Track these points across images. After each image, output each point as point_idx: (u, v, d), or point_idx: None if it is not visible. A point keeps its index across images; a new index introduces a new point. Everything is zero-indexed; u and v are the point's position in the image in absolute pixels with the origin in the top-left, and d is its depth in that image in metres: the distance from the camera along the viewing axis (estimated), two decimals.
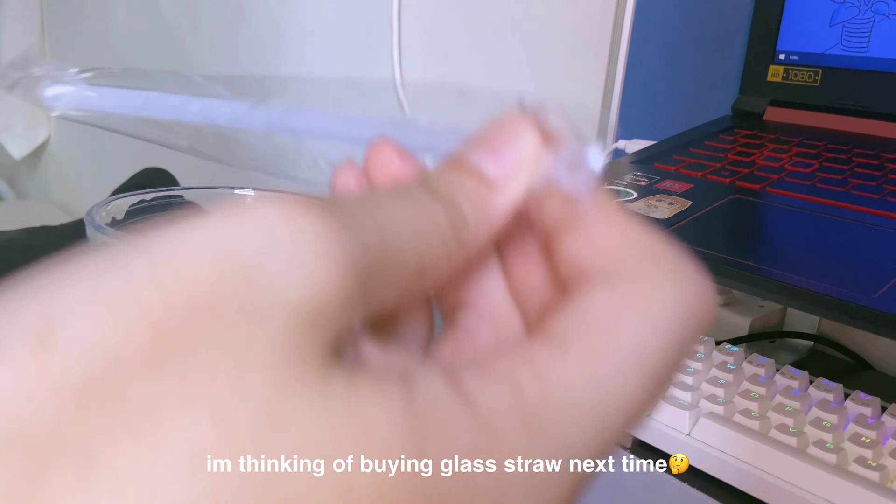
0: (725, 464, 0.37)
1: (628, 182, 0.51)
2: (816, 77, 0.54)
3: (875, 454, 0.36)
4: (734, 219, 0.45)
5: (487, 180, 0.16)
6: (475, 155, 0.17)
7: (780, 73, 0.56)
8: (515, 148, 0.17)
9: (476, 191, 0.16)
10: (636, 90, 0.67)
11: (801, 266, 0.39)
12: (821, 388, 0.41)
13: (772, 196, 0.47)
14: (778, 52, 0.56)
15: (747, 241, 0.43)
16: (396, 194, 0.15)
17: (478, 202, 0.16)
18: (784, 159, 0.51)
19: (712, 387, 0.41)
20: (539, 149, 0.17)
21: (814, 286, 0.37)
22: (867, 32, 0.51)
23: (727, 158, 0.53)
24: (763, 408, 0.39)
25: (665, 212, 0.47)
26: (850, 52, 0.53)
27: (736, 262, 0.40)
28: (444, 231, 0.15)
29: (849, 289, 0.36)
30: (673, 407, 0.39)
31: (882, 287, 0.36)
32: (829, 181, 0.47)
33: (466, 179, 0.16)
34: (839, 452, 0.36)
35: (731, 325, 0.54)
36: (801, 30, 0.55)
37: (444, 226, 0.15)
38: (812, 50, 0.55)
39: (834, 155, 0.51)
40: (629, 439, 0.19)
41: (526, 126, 0.17)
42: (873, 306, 0.35)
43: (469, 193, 0.16)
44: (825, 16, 0.53)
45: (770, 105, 0.58)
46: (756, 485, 0.36)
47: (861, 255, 0.39)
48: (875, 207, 0.43)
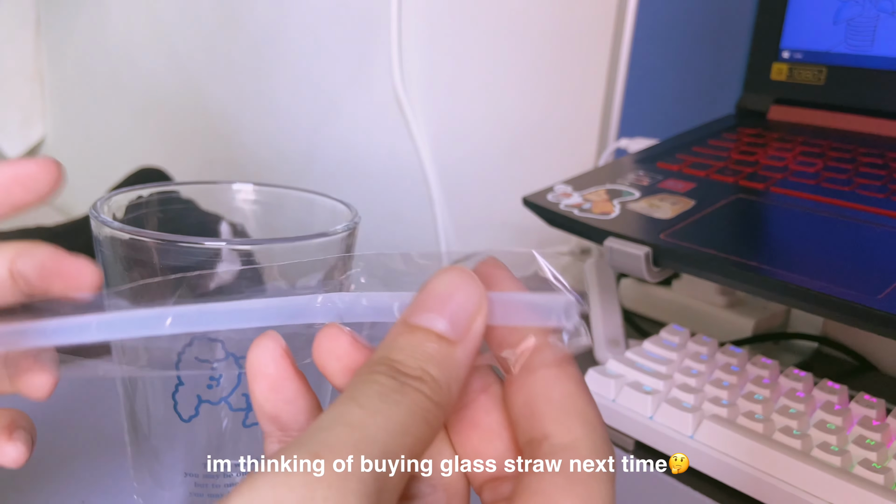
0: (729, 466, 0.36)
1: (630, 181, 0.51)
2: (821, 75, 0.54)
3: (880, 456, 0.35)
4: (737, 219, 0.45)
5: (446, 339, 0.17)
6: (427, 317, 0.18)
7: (783, 71, 0.56)
8: (463, 300, 0.18)
9: (439, 351, 0.17)
10: (639, 88, 0.67)
11: (804, 266, 0.38)
12: (825, 389, 0.41)
13: (776, 196, 0.46)
14: (781, 49, 0.56)
15: (751, 242, 0.43)
16: (378, 406, 0.16)
17: (443, 362, 0.17)
18: (788, 158, 0.51)
19: (716, 389, 0.41)
20: (484, 295, 0.18)
21: (818, 287, 0.36)
22: (871, 30, 0.51)
23: (730, 158, 0.52)
24: (767, 410, 0.39)
25: (668, 211, 0.46)
26: (854, 49, 0.52)
27: (739, 262, 0.39)
28: (428, 412, 0.17)
29: (853, 290, 0.36)
30: (676, 409, 0.39)
31: (887, 288, 0.35)
32: (833, 181, 0.47)
33: (427, 343, 0.17)
34: (843, 455, 0.35)
35: (735, 327, 0.53)
36: (804, 27, 0.55)
37: (428, 407, 0.17)
38: (816, 48, 0.54)
39: (838, 154, 0.50)
40: (631, 442, 0.19)
41: (464, 276, 0.18)
42: (878, 307, 0.34)
43: (433, 356, 0.17)
44: (829, 13, 0.53)
45: (774, 104, 0.57)
46: (760, 488, 0.36)
47: (866, 256, 0.39)
48: (880, 207, 0.43)
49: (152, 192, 0.31)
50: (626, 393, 0.41)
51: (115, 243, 0.26)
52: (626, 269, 0.44)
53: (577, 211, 0.47)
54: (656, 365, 0.43)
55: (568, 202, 0.49)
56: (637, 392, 0.40)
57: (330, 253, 0.27)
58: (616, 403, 0.41)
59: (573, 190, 0.50)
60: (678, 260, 0.42)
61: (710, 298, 0.55)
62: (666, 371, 0.43)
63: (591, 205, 0.48)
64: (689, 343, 0.46)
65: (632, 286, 0.60)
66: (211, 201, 0.33)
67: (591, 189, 0.50)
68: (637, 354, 0.45)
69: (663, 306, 0.58)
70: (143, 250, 0.25)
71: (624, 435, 0.41)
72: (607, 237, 0.45)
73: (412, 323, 0.18)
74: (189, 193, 0.32)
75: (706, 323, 0.55)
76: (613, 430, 0.41)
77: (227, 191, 0.33)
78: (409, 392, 0.16)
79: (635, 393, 0.40)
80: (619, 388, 0.41)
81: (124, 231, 0.25)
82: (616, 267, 0.44)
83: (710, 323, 0.55)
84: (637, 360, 0.44)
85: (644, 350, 0.45)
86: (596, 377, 0.42)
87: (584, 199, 0.49)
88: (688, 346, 0.46)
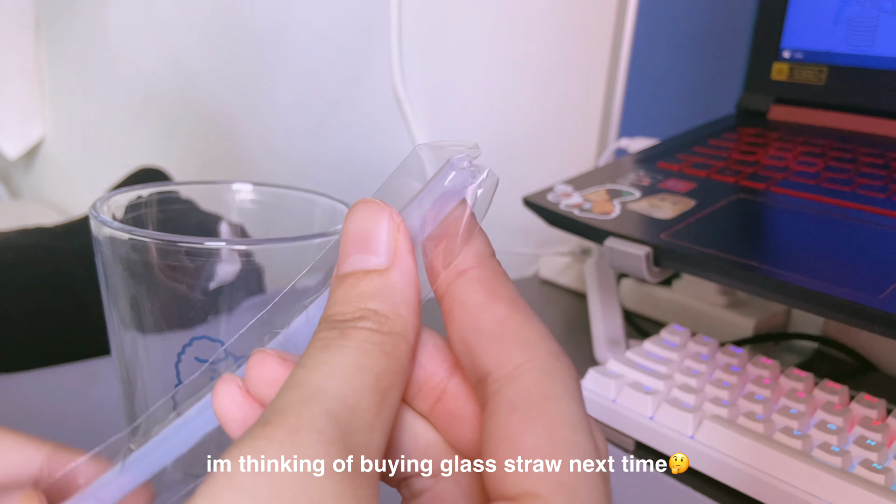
0: (729, 467, 0.36)
1: (631, 181, 0.51)
2: (821, 75, 0.54)
3: (881, 457, 0.35)
4: (738, 219, 0.45)
5: (376, 271, 0.17)
6: (350, 261, 0.17)
7: (784, 70, 0.56)
8: (374, 227, 0.17)
9: (374, 284, 0.17)
10: (639, 88, 0.67)
11: (805, 266, 0.38)
12: (826, 390, 0.41)
13: (776, 196, 0.46)
14: (782, 49, 0.56)
15: (751, 242, 0.43)
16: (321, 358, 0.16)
17: (381, 292, 0.17)
18: (788, 158, 0.51)
19: (716, 389, 0.41)
20: (393, 212, 0.18)
21: (818, 287, 0.36)
22: (872, 30, 0.51)
23: (731, 157, 0.52)
24: (767, 410, 0.39)
25: (668, 212, 0.46)
26: (854, 49, 0.52)
27: (740, 262, 0.39)
28: (383, 343, 0.16)
29: (854, 290, 0.35)
30: (676, 409, 0.39)
31: (887, 288, 0.35)
32: (834, 180, 0.47)
33: (359, 284, 0.17)
34: (844, 455, 0.35)
35: (736, 327, 0.53)
36: (805, 27, 0.55)
37: (379, 339, 0.16)
38: (817, 48, 0.54)
39: (839, 154, 0.50)
40: (631, 442, 0.19)
41: (367, 206, 0.18)
42: (879, 307, 0.34)
43: (369, 291, 0.17)
44: (829, 13, 0.53)
45: (774, 103, 0.57)
46: (760, 488, 0.35)
47: (866, 256, 0.39)
48: (881, 207, 0.43)
49: (152, 192, 0.31)
50: (627, 393, 0.41)
51: (114, 243, 0.26)
52: (627, 269, 0.44)
53: (577, 211, 0.47)
54: (656, 365, 0.43)
55: (568, 202, 0.49)
56: (637, 392, 0.40)
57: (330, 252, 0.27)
58: (616, 403, 0.41)
59: (573, 190, 0.50)
60: (679, 260, 0.42)
61: (711, 298, 0.55)
62: (666, 371, 0.43)
63: (592, 205, 0.48)
64: (689, 343, 0.46)
65: (632, 286, 0.60)
66: (211, 201, 0.33)
67: (592, 189, 0.50)
68: (637, 354, 0.45)
69: (663, 306, 0.58)
70: (143, 250, 0.25)
71: (624, 435, 0.41)
72: (607, 237, 0.44)
73: (339, 274, 0.17)
74: (189, 193, 0.32)
75: (706, 323, 0.55)
76: (613, 430, 0.41)
77: (227, 191, 0.33)
78: (351, 333, 0.16)
79: (635, 393, 0.40)
80: (619, 389, 0.41)
81: (124, 231, 0.25)
82: (616, 267, 0.44)
83: (710, 323, 0.55)
84: (637, 360, 0.44)
85: (644, 350, 0.45)
86: (596, 377, 0.42)
87: (584, 199, 0.49)
88: (688, 347, 0.46)
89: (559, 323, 0.60)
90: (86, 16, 1.33)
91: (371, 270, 0.17)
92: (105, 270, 0.27)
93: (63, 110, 1.49)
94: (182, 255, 0.25)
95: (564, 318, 0.61)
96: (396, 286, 0.17)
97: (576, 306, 0.62)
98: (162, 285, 0.26)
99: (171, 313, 0.26)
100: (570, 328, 0.59)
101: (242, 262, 0.25)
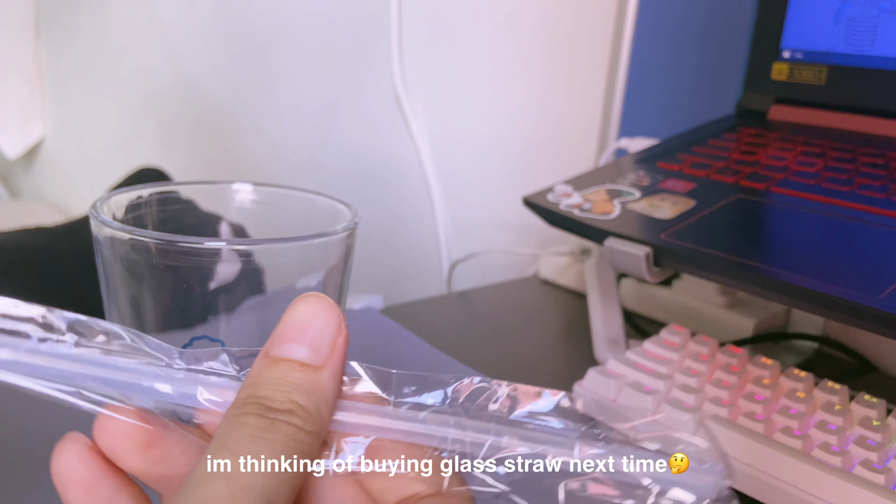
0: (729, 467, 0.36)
1: (631, 181, 0.51)
2: (821, 75, 0.54)
3: (881, 457, 0.35)
4: (738, 219, 0.45)
5: (310, 366, 0.18)
6: (288, 348, 0.18)
7: (784, 70, 0.56)
8: (321, 325, 0.18)
9: (305, 379, 0.17)
10: (639, 88, 0.67)
11: (805, 267, 0.38)
12: (826, 390, 0.41)
13: (776, 196, 0.46)
14: (782, 49, 0.56)
15: (751, 242, 0.43)
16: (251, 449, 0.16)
17: (310, 389, 0.17)
18: (788, 158, 0.51)
19: (716, 389, 0.41)
20: (341, 318, 0.18)
21: (819, 287, 0.36)
22: (872, 30, 0.51)
23: (731, 157, 0.52)
24: (767, 410, 0.39)
25: (668, 211, 0.46)
26: (854, 49, 0.52)
27: (740, 262, 0.39)
28: (302, 443, 0.17)
29: (854, 289, 0.35)
30: (676, 409, 0.39)
31: (887, 288, 0.35)
32: (833, 180, 0.47)
33: (292, 373, 0.17)
34: (844, 455, 0.35)
35: (736, 327, 0.53)
36: (805, 27, 0.55)
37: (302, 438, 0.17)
38: (817, 48, 0.54)
39: (839, 154, 0.50)
40: None
41: (320, 302, 0.18)
42: (879, 307, 0.34)
43: (300, 385, 0.17)
44: (829, 13, 0.53)
45: (774, 103, 0.57)
46: (760, 488, 0.35)
47: (866, 256, 0.39)
48: (881, 207, 0.43)
49: (152, 192, 0.31)
50: (627, 393, 0.41)
51: (114, 243, 0.26)
52: (627, 269, 0.44)
53: (577, 211, 0.47)
54: (656, 365, 0.43)
55: (568, 202, 0.49)
56: (637, 392, 0.40)
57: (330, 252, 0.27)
58: (616, 403, 0.41)
59: (573, 190, 0.50)
60: (678, 260, 0.42)
61: (711, 298, 0.55)
62: (666, 371, 0.43)
63: (592, 205, 0.48)
64: (689, 343, 0.46)
65: (632, 286, 0.60)
66: (211, 201, 0.33)
67: (592, 189, 0.50)
68: (637, 354, 0.45)
69: (663, 306, 0.58)
70: (143, 250, 0.25)
71: None
72: (607, 237, 0.44)
73: (274, 356, 0.18)
74: (189, 193, 0.32)
75: (706, 323, 0.55)
76: None
77: (227, 191, 0.33)
78: (280, 427, 0.17)
79: (635, 393, 0.40)
80: (619, 388, 0.41)
81: (124, 231, 0.25)
82: (616, 267, 0.44)
83: (710, 323, 0.55)
84: (637, 360, 0.44)
85: (644, 350, 0.45)
86: (596, 377, 0.42)
87: (584, 199, 0.49)
88: (688, 347, 0.46)
89: (559, 323, 0.60)
90: (86, 16, 1.33)
91: (307, 364, 0.18)
92: (105, 270, 0.27)
93: (63, 110, 1.49)
94: (182, 255, 0.25)
95: (564, 318, 0.61)
96: (325, 386, 0.18)
97: (576, 306, 0.62)
98: (162, 285, 0.26)
99: (171, 313, 0.26)
100: (570, 328, 0.59)
101: (242, 262, 0.25)
